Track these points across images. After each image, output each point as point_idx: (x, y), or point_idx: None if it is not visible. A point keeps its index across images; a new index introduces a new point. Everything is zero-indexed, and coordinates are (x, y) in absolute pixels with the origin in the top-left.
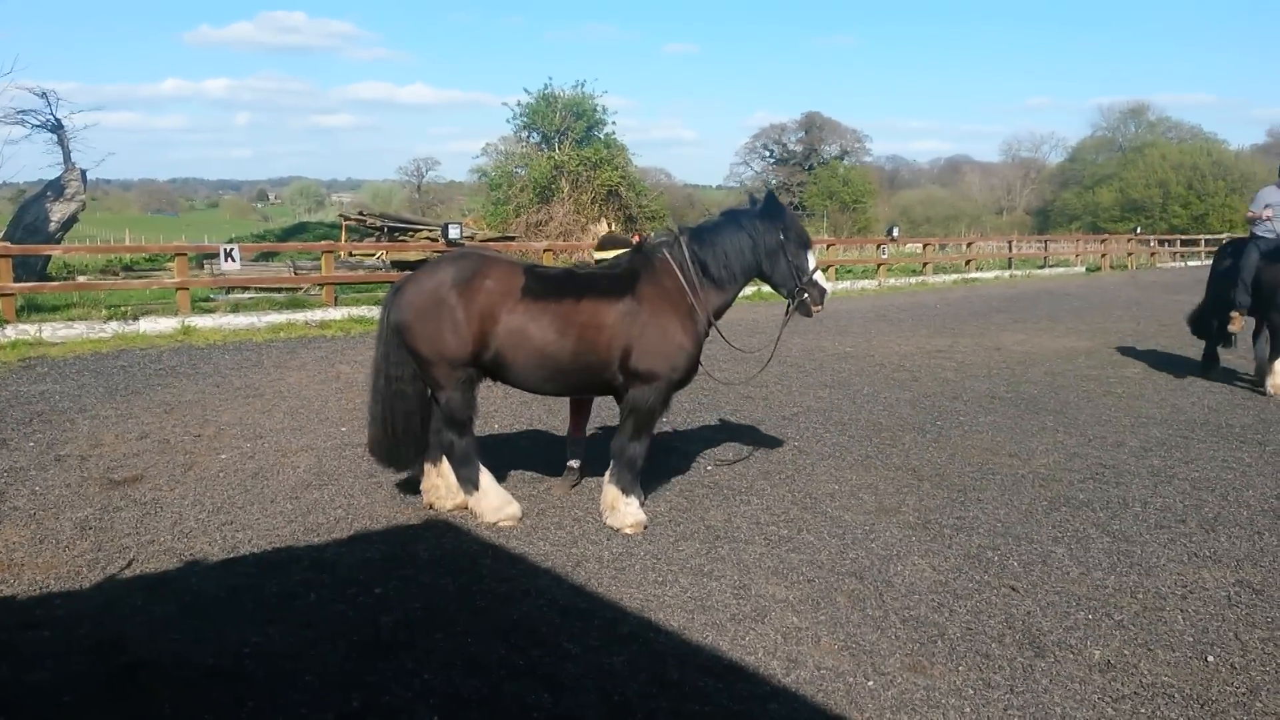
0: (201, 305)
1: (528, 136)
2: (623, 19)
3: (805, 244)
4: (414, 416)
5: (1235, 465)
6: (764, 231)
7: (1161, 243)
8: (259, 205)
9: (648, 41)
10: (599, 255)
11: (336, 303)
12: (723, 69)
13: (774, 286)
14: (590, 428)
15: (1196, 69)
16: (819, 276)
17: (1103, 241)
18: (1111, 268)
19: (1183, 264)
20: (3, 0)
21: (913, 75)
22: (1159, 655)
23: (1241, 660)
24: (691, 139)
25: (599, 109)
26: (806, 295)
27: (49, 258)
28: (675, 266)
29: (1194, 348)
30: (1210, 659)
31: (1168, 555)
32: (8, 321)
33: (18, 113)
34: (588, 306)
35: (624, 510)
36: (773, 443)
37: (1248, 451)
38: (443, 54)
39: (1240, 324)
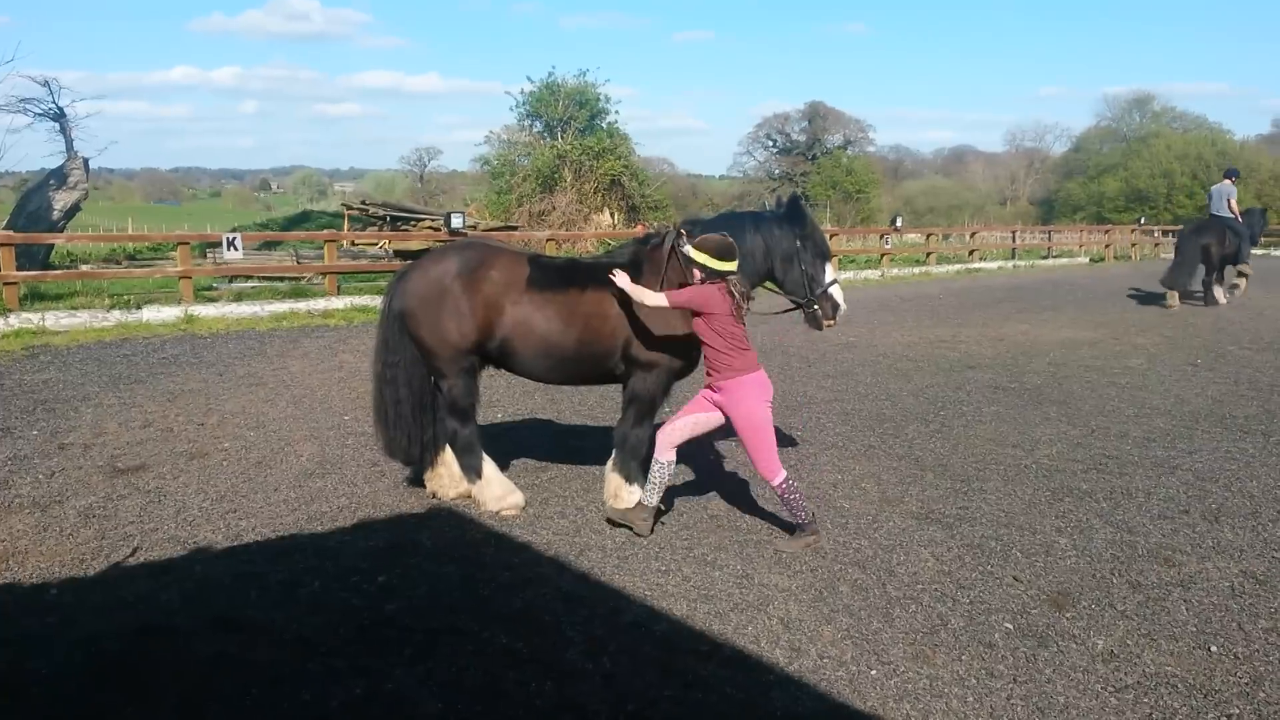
0: (204, 294)
1: (530, 125)
2: (635, 6)
3: (824, 255)
4: (403, 405)
5: (1239, 456)
6: (780, 236)
7: (1166, 233)
8: (261, 194)
9: (659, 29)
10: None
11: (339, 292)
12: (734, 58)
13: (785, 294)
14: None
15: (1211, 58)
16: (835, 290)
17: (1106, 232)
18: (1115, 258)
19: None
20: None
21: (924, 63)
22: (1162, 645)
23: (1245, 650)
24: (700, 128)
25: (602, 98)
26: (818, 308)
27: (52, 246)
28: (680, 262)
29: (1197, 338)
30: (1213, 649)
31: (1172, 546)
32: (11, 310)
33: (20, 101)
34: (592, 296)
35: (627, 499)
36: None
37: (1251, 442)
38: (455, 42)
39: None
